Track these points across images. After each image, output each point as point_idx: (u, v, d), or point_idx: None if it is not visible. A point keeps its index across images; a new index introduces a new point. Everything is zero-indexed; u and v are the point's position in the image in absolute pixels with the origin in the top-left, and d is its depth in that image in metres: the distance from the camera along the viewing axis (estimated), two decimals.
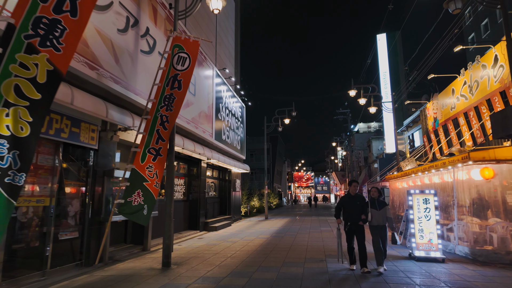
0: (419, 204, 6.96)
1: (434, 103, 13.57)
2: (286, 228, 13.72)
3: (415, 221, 6.91)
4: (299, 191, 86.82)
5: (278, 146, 48.05)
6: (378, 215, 5.98)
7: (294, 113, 19.63)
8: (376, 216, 5.97)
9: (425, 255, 6.73)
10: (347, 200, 6.06)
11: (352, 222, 5.95)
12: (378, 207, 6.01)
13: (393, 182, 14.21)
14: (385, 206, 6.04)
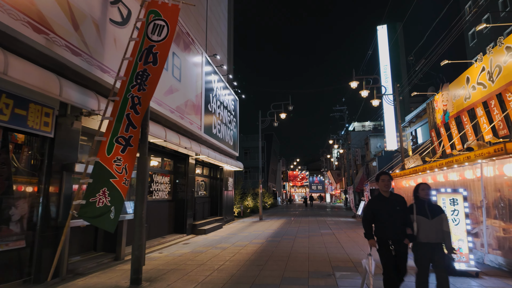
0: (445, 205, 5.77)
1: (443, 94, 12.46)
2: (283, 230, 12.49)
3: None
4: (294, 190, 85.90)
5: (273, 144, 46.88)
6: (430, 227, 3.67)
7: (290, 107, 18.43)
8: (427, 228, 3.67)
9: (453, 267, 5.55)
10: (380, 205, 3.80)
11: (393, 240, 3.66)
12: (430, 214, 3.73)
13: (398, 181, 13.09)
14: (441, 213, 3.81)
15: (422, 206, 3.81)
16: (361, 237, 10.22)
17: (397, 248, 3.65)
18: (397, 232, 3.68)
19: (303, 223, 15.77)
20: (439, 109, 12.98)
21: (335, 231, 12.06)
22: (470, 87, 10.28)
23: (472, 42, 27.00)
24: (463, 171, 7.93)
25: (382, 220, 3.76)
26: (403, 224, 3.73)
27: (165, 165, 11.30)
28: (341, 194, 56.19)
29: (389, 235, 3.70)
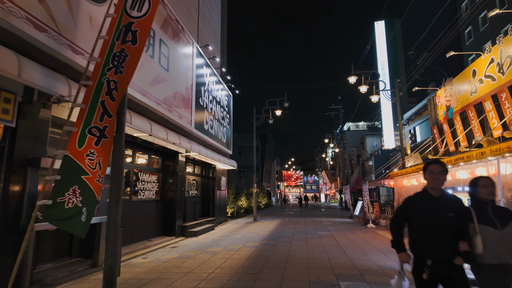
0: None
1: (447, 89, 11.91)
2: (278, 232, 11.81)
3: None
4: (288, 190, 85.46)
5: (267, 143, 46.24)
6: (501, 242, 2.49)
7: (286, 104, 17.76)
8: (497, 243, 2.49)
9: None
10: (423, 206, 2.67)
11: (437, 258, 2.52)
12: (498, 221, 2.54)
13: (399, 180, 12.51)
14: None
15: (485, 210, 2.60)
16: (362, 240, 9.59)
17: (442, 271, 2.50)
18: (444, 248, 2.52)
19: (299, 224, 15.11)
20: (441, 105, 12.44)
21: (333, 232, 11.42)
22: (477, 80, 9.72)
23: (468, 41, 26.69)
24: (474, 169, 7.34)
25: (421, 228, 2.61)
26: (455, 237, 2.56)
27: (152, 162, 10.54)
28: (335, 194, 55.81)
29: (430, 251, 2.54)
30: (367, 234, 11.09)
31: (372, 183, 15.19)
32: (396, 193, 12.91)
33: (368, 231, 12.13)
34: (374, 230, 12.36)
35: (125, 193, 8.88)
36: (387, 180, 14.65)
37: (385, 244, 8.66)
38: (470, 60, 25.25)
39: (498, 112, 8.74)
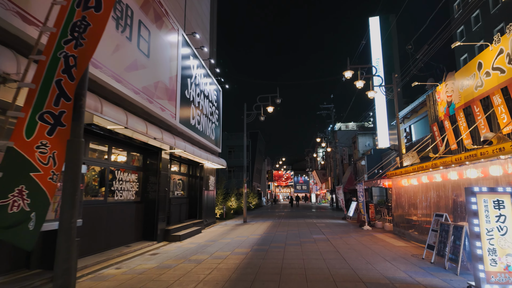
0: (487, 208, 4.41)
1: (448, 84, 11.31)
2: (270, 235, 10.99)
3: (483, 236, 4.35)
4: (279, 190, 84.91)
5: (258, 143, 45.42)
6: None
7: (278, 100, 16.96)
8: None
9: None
10: None
11: None
12: None
13: (397, 180, 11.87)
14: None
15: None
16: (361, 244, 8.85)
17: None
18: None
19: (292, 226, 14.33)
20: (442, 101, 11.84)
21: (329, 236, 10.66)
22: (483, 73, 9.11)
23: (460, 41, 26.50)
24: (487, 167, 6.67)
25: None
26: None
27: (133, 160, 9.57)
28: (326, 194, 55.42)
29: None
30: (365, 237, 10.38)
31: (367, 183, 14.54)
32: (394, 194, 12.27)
33: (365, 234, 11.43)
34: (371, 233, 11.67)
35: (99, 194, 7.90)
36: (383, 180, 14.02)
37: (387, 250, 7.94)
38: (462, 60, 24.99)
39: (508, 106, 8.13)
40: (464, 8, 24.58)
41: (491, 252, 4.28)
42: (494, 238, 4.31)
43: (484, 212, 4.39)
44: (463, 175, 7.75)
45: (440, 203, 8.80)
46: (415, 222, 10.22)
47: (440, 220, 6.56)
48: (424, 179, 9.74)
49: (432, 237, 6.70)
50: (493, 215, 4.38)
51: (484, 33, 22.60)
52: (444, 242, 6.07)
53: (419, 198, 10.20)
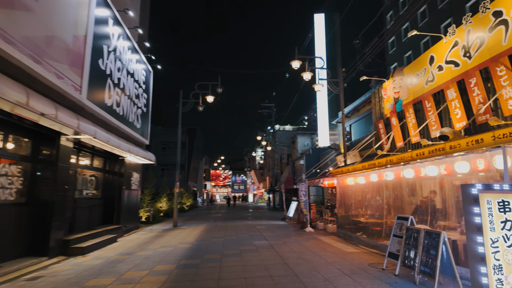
0: (491, 212, 3.37)
1: (395, 80, 10.94)
2: (204, 243, 9.21)
3: (487, 249, 3.28)
4: (216, 190, 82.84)
5: (196, 140, 42.85)
6: None
7: (219, 90, 15.23)
8: None
9: None
10: None
11: None
12: None
13: (342, 178, 11.14)
14: None
15: None
16: (310, 252, 7.64)
17: None
18: None
19: (230, 229, 12.72)
20: (388, 97, 11.47)
21: (272, 241, 9.31)
22: (435, 67, 8.71)
23: (391, 50, 27.80)
24: (452, 163, 5.95)
25: None
26: None
27: (14, 146, 6.92)
28: (263, 194, 55.26)
29: None
30: (311, 242, 9.28)
31: (310, 182, 13.70)
32: (338, 193, 11.52)
33: (309, 237, 10.39)
34: (314, 236, 10.69)
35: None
36: (327, 179, 13.31)
37: (340, 258, 6.83)
38: (392, 68, 26.12)
39: (464, 101, 7.72)
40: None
41: (497, 270, 3.24)
42: (500, 252, 3.29)
43: (488, 217, 3.34)
44: (420, 172, 7.07)
45: (395, 204, 8.09)
46: (363, 224, 9.48)
47: (405, 224, 5.60)
48: (374, 177, 9.02)
49: (395, 244, 5.72)
50: (498, 220, 3.36)
51: (412, 44, 23.85)
52: (413, 251, 5.08)
53: (368, 198, 9.49)
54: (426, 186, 8.08)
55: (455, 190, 6.68)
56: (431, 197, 7.91)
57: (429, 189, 7.98)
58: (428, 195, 7.94)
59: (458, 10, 18.65)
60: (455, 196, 6.73)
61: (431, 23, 21.68)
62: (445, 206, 6.90)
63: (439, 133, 7.63)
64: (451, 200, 6.82)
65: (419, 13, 23.57)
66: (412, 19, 24.38)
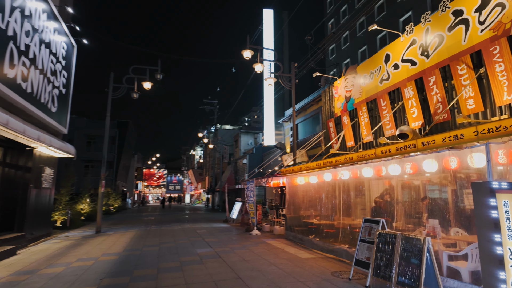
0: (508, 216, 2.80)
1: (347, 78, 10.74)
2: (134, 254, 7.63)
3: (506, 260, 2.69)
4: (148, 190, 77.73)
5: (128, 134, 39.06)
6: None
7: (159, 76, 13.48)
8: None
9: None
10: None
11: None
12: None
13: (292, 177, 10.54)
14: None
15: None
16: (263, 260, 6.71)
17: None
18: None
19: (166, 235, 11.16)
20: (339, 96, 11.26)
21: (218, 249, 8.17)
22: (391, 66, 8.59)
23: (331, 57, 28.41)
24: (419, 161, 5.60)
25: None
26: None
27: None
28: (201, 195, 53.26)
29: None
30: (261, 247, 8.39)
31: (258, 181, 12.90)
32: (287, 193, 10.89)
33: (257, 241, 9.50)
34: (263, 240, 9.85)
35: None
36: (275, 178, 12.66)
37: (299, 267, 6.04)
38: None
39: (421, 99, 7.63)
40: (336, 29, 25.37)
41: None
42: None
43: (505, 222, 2.77)
44: (382, 171, 6.70)
45: (353, 205, 7.64)
46: (315, 226, 8.94)
47: (375, 228, 5.01)
48: (328, 176, 8.53)
49: (364, 251, 5.10)
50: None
51: (351, 52, 24.39)
52: (387, 259, 4.47)
53: (321, 198, 8.98)
54: (387, 186, 7.84)
55: (418, 190, 6.44)
56: (386, 198, 7.69)
57: (392, 189, 7.72)
58: (384, 195, 7.71)
59: (418, 4, 17.29)
60: (416, 196, 6.47)
61: (389, 16, 19.92)
62: (406, 206, 6.62)
63: (398, 132, 7.40)
64: (413, 200, 6.57)
65: (377, 7, 22.09)
66: (369, 14, 22.11)
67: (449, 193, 5.97)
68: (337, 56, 26.35)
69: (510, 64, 5.48)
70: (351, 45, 24.12)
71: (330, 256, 7.06)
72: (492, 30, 5.94)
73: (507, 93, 5.55)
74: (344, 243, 7.13)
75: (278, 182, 13.46)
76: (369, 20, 21.80)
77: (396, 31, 8.94)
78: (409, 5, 18.36)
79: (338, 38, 24.01)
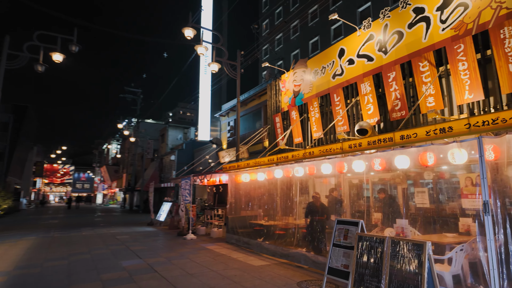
0: None
1: (296, 72, 10.28)
2: (31, 275, 5.62)
3: None
4: (50, 189, 67.08)
5: (26, 121, 32.52)
6: None
7: (74, 48, 10.93)
8: None
9: None
10: None
11: None
12: None
13: (237, 174, 9.57)
14: None
15: None
16: (213, 272, 5.55)
17: None
18: None
19: (76, 243, 8.97)
20: (287, 90, 10.73)
21: (149, 260, 6.65)
22: (345, 61, 8.33)
23: (278, 47, 26.73)
24: (391, 157, 5.22)
25: None
26: None
27: None
28: (116, 194, 48.01)
29: None
30: (203, 255, 7.18)
31: (196, 178, 11.50)
32: (230, 191, 9.85)
33: (195, 247, 8.24)
34: (201, 245, 8.62)
35: None
36: (215, 175, 11.48)
37: (257, 278, 5.11)
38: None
39: (379, 96, 7.46)
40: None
41: None
42: None
43: None
44: (344, 168, 6.22)
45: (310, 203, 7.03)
46: (263, 228, 8.11)
47: (354, 231, 4.38)
48: (279, 173, 7.80)
49: (339, 257, 4.42)
50: None
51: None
52: (373, 268, 3.86)
53: (273, 197, 8.21)
54: (347, 184, 7.47)
55: (390, 188, 6.15)
56: (334, 194, 7.34)
57: (353, 187, 7.38)
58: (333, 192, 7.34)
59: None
60: (378, 194, 6.20)
61: (346, 6, 18.42)
62: (369, 205, 6.28)
63: (358, 127, 7.07)
64: (380, 199, 6.26)
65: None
66: (322, 2, 20.21)
67: (420, 191, 5.81)
68: (285, 47, 23.92)
69: (473, 63, 5.52)
70: (302, 35, 21.82)
71: (285, 262, 6.30)
72: (454, 29, 5.98)
73: (468, 92, 5.60)
74: (300, 246, 6.45)
75: (214, 180, 12.30)
76: (323, 10, 20.07)
77: (353, 22, 8.79)
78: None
79: (287, 28, 22.53)
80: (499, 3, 5.38)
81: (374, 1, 16.68)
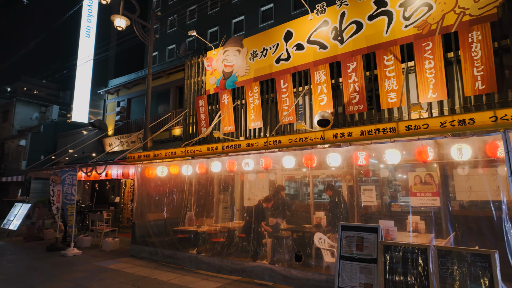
0: None
1: (228, 51, 8.88)
2: None
3: None
4: None
5: None
6: None
7: None
8: None
9: None
10: None
11: None
12: None
13: (148, 169, 7.37)
14: None
15: None
16: None
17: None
18: None
19: None
20: (214, 70, 9.15)
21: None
22: (293, 45, 7.55)
23: (190, 21, 21.80)
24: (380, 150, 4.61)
25: None
26: None
27: None
28: None
29: None
30: (112, 281, 4.93)
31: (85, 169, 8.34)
32: (138, 190, 7.49)
33: (95, 270, 5.72)
34: (100, 265, 6.12)
35: None
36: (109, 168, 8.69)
37: None
38: (189, 40, 18.66)
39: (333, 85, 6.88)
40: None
41: None
42: None
43: None
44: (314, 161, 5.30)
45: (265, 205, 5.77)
46: (193, 236, 6.33)
47: (375, 240, 3.47)
48: (216, 166, 6.28)
49: (356, 275, 3.41)
50: None
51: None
52: (413, 286, 3.04)
53: (210, 195, 6.54)
54: (315, 182, 6.56)
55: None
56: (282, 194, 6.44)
57: (330, 185, 6.53)
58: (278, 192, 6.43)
59: None
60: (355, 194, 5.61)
61: None
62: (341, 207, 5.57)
63: (319, 117, 6.35)
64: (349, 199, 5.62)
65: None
66: None
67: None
68: (200, 22, 19.30)
69: (440, 62, 5.60)
70: (221, 11, 18.48)
71: (243, 280, 4.89)
72: (417, 28, 5.99)
73: (432, 91, 5.65)
74: (261, 258, 5.15)
75: (98, 175, 9.31)
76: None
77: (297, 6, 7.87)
78: None
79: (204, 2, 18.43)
80: (463, 10, 5.64)
81: None
